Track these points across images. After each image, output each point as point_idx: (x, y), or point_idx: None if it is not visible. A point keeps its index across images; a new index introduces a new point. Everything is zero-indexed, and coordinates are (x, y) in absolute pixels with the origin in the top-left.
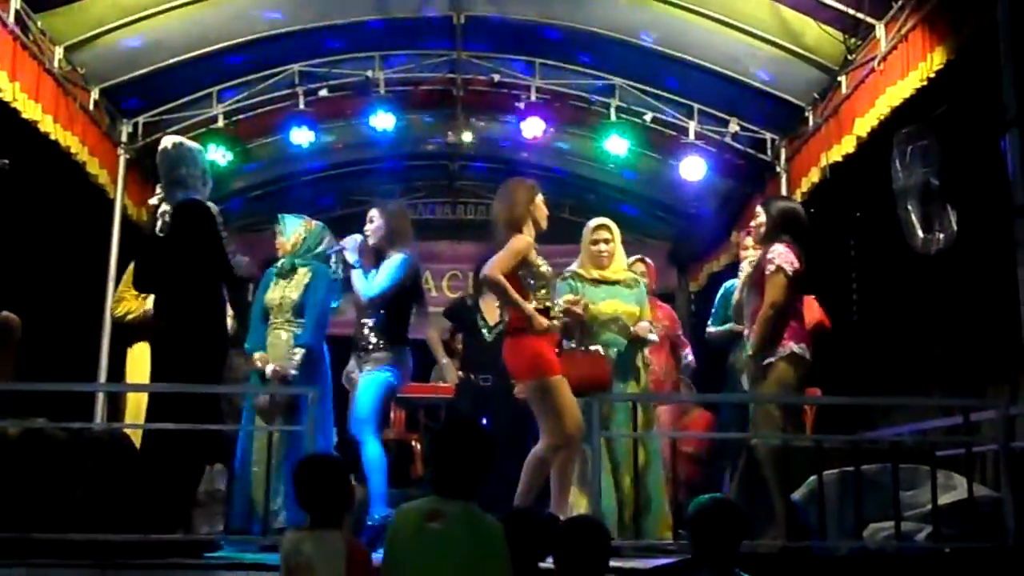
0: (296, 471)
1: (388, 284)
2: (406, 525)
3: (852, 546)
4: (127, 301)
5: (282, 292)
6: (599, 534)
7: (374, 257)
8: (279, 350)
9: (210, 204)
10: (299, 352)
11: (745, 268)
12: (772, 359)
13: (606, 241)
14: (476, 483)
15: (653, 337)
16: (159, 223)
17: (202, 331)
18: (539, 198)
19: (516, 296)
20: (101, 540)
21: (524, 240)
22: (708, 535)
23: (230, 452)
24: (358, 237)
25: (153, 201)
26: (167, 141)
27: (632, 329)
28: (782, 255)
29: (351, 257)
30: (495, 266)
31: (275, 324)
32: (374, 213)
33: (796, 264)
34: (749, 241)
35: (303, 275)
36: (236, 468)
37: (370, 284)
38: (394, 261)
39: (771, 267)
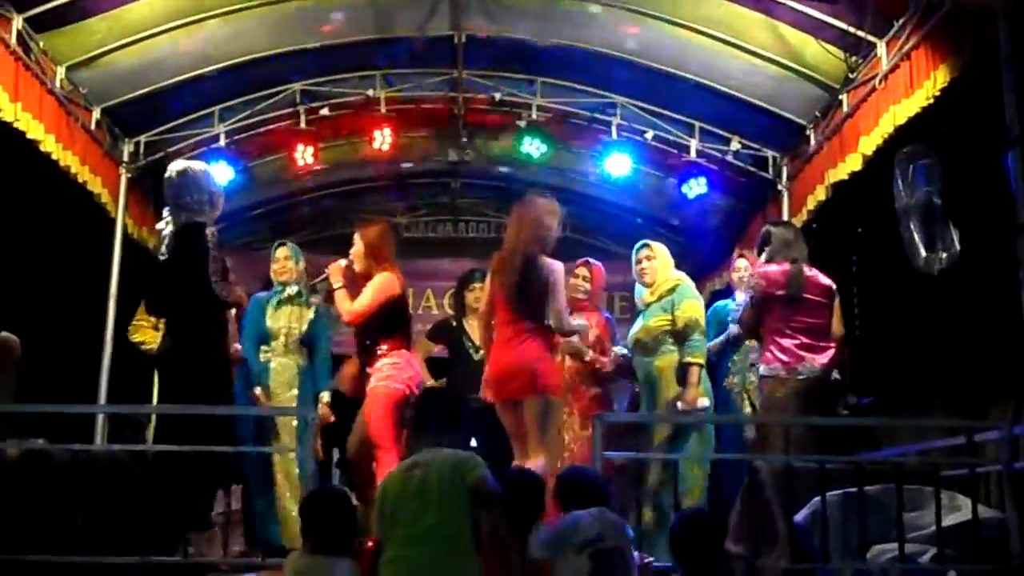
0: (303, 505)
1: (366, 303)
2: (392, 482)
3: (855, 568)
4: (144, 330)
5: (288, 321)
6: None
7: (363, 280)
8: (283, 376)
9: (208, 227)
10: (326, 396)
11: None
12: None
13: (647, 258)
14: (454, 435)
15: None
16: (163, 247)
17: (201, 352)
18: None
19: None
20: (101, 563)
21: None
22: (687, 545)
23: (239, 473)
24: (342, 262)
25: (160, 225)
26: (172, 168)
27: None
28: (752, 275)
29: (336, 282)
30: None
31: (275, 351)
32: (357, 236)
33: (763, 283)
34: (741, 263)
35: (306, 309)
36: (252, 488)
37: (351, 305)
38: (375, 281)
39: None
